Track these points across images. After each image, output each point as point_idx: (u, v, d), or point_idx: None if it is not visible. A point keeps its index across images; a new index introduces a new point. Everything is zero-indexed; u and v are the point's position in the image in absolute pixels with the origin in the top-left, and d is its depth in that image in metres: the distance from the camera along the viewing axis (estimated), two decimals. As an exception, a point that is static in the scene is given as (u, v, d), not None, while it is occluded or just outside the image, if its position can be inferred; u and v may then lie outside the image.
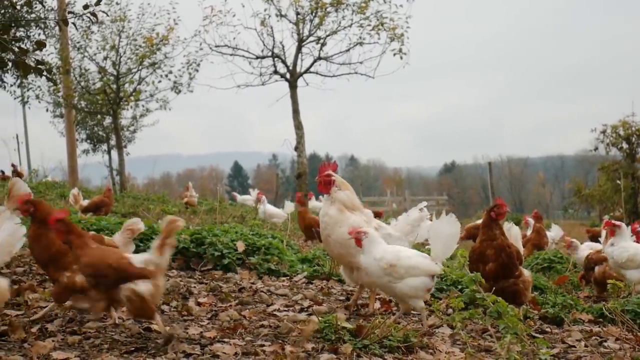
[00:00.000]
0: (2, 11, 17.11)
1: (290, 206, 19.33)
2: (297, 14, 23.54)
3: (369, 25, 23.38)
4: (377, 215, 14.95)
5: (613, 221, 8.71)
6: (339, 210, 6.28)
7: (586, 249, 12.77)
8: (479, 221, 18.40)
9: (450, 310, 6.62)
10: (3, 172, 24.86)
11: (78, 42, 25.06)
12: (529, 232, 14.39)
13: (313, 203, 22.18)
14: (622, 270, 8.30)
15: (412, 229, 6.85)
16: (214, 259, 8.25)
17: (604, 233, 12.22)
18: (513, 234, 7.14)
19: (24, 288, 6.14)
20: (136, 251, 6.37)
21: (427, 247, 7.46)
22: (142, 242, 9.05)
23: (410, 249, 6.29)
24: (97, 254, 4.86)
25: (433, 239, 6.06)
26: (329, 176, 6.40)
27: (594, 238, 16.50)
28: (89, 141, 33.19)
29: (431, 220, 9.05)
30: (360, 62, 23.74)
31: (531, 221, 14.76)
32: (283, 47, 24.19)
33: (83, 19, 19.39)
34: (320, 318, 5.48)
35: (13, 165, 24.69)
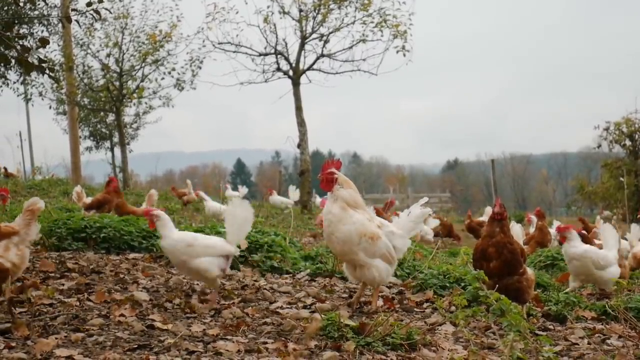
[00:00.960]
0: (6, 8, 17.14)
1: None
2: (300, 11, 23.55)
3: (372, 22, 23.39)
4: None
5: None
6: (342, 208, 6.27)
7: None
8: (482, 218, 18.42)
9: (453, 308, 6.62)
10: (6, 169, 24.92)
11: (81, 39, 25.12)
12: (531, 230, 14.39)
13: (317, 201, 22.24)
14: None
15: (414, 225, 6.84)
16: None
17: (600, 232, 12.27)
18: (514, 232, 7.16)
19: (27, 285, 6.14)
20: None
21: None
22: (144, 239, 9.08)
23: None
24: None
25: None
26: (332, 174, 6.39)
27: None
28: (92, 138, 33.25)
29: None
30: (363, 60, 23.76)
31: (534, 219, 14.76)
32: (286, 44, 24.20)
33: (86, 16, 19.41)
34: (323, 315, 5.48)
35: (5, 169, 24.76)
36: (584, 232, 9.82)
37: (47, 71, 6.48)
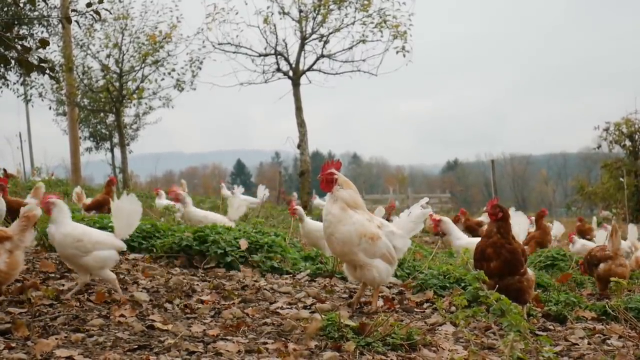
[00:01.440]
0: (6, 9, 17.14)
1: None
2: (300, 11, 23.57)
3: (372, 22, 23.42)
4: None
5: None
6: (342, 209, 6.27)
7: (579, 243, 12.88)
8: (481, 218, 18.40)
9: (453, 308, 6.62)
10: (5, 170, 24.90)
11: (81, 40, 25.09)
12: (531, 229, 14.36)
13: (317, 201, 22.23)
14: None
15: (414, 226, 6.83)
16: (217, 256, 8.25)
17: (597, 230, 12.30)
18: (519, 228, 7.17)
19: (27, 286, 6.14)
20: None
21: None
22: (145, 240, 9.08)
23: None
24: None
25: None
26: (332, 174, 6.39)
27: (583, 234, 16.57)
28: (91, 139, 33.27)
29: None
30: (363, 60, 23.79)
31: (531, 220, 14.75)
32: (286, 44, 24.23)
33: (86, 17, 19.43)
34: (323, 316, 5.48)
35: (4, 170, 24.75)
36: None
37: (48, 71, 6.47)
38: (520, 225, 7.74)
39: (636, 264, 10.91)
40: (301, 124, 23.81)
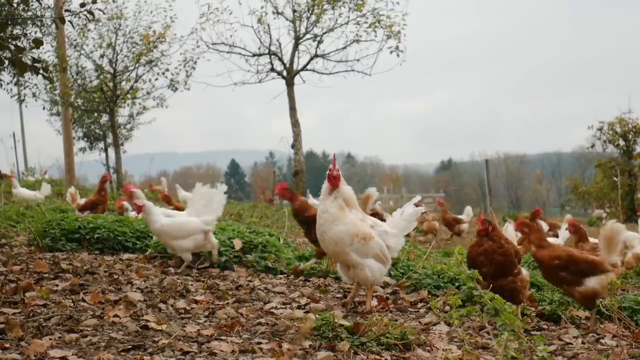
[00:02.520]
0: (-1, 9, 17.07)
1: None
2: (294, 11, 23.60)
3: (366, 22, 23.47)
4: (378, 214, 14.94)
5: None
6: (340, 207, 6.25)
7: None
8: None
9: (447, 308, 6.62)
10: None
11: (75, 40, 25.05)
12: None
13: (312, 201, 22.21)
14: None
15: (407, 224, 6.80)
16: (211, 256, 8.26)
17: (563, 228, 12.32)
18: (509, 233, 7.19)
19: (21, 286, 6.13)
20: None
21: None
22: (139, 240, 9.08)
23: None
24: None
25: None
26: (338, 170, 6.35)
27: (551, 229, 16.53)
28: (85, 139, 33.21)
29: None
30: (357, 60, 23.84)
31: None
32: (280, 44, 24.29)
33: (79, 17, 19.40)
34: (317, 316, 5.48)
35: None
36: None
37: (41, 71, 6.46)
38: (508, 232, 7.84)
39: (635, 260, 10.94)
40: (295, 124, 23.84)
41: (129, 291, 6.47)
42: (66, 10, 8.95)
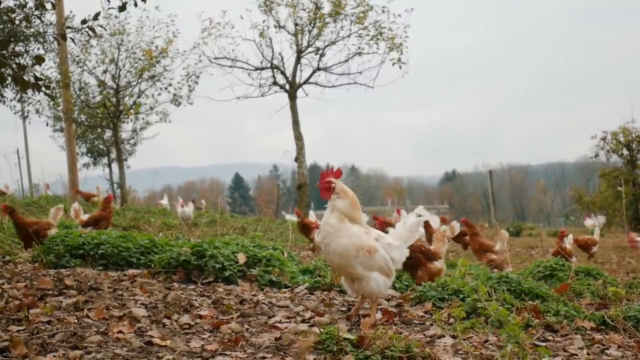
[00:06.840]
0: (1, 26, 17.16)
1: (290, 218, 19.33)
2: (296, 25, 23.68)
3: (368, 35, 23.55)
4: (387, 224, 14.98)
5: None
6: (339, 219, 6.26)
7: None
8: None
9: (452, 320, 6.61)
10: (-3, 187, 24.87)
11: (77, 56, 25.18)
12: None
13: (311, 214, 22.23)
14: None
15: (410, 235, 6.80)
16: (215, 271, 8.24)
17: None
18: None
19: (25, 304, 6.12)
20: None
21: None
22: (143, 255, 9.08)
23: None
24: None
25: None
26: (329, 182, 6.37)
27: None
28: (89, 155, 33.34)
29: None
30: (360, 72, 23.92)
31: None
32: (282, 58, 24.35)
33: (82, 34, 19.46)
34: (321, 329, 5.47)
35: None
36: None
37: (43, 88, 6.48)
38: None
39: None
40: (298, 137, 23.87)
41: (133, 307, 6.46)
42: (68, 27, 8.99)
